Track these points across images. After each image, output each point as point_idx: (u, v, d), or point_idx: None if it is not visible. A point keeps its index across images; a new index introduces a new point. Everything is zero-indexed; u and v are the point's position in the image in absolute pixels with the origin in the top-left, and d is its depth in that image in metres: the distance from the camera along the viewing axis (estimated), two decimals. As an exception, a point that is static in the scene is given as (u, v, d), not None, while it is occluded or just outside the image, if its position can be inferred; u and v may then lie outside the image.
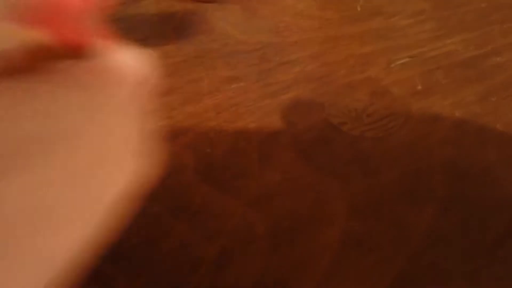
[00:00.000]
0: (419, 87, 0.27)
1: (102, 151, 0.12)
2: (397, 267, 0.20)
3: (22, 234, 0.10)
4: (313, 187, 0.22)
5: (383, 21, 0.31)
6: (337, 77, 0.28)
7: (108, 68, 0.11)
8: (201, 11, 0.32)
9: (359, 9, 0.32)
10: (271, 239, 0.21)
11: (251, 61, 0.29)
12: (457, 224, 0.21)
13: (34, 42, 0.10)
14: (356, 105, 0.26)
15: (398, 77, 0.28)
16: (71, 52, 0.11)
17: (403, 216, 0.21)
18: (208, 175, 0.23)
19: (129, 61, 0.12)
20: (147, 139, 0.13)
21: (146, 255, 0.20)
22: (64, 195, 0.11)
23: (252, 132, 0.25)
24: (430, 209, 0.21)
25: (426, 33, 0.30)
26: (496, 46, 0.29)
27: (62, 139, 0.11)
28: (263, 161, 0.24)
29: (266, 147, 0.24)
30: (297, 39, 0.30)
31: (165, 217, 0.22)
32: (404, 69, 0.28)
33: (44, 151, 0.10)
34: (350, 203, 0.22)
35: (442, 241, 0.20)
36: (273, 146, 0.24)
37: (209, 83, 0.28)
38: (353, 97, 0.27)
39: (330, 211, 0.21)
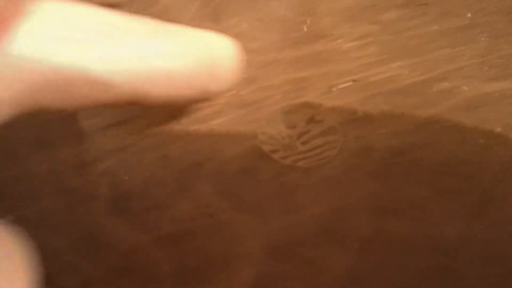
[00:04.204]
0: (359, 114, 0.25)
1: None
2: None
3: None
4: (228, 224, 0.20)
5: (326, 43, 0.29)
6: (272, 102, 0.26)
7: None
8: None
9: (305, 29, 0.30)
10: (177, 279, 0.19)
11: (185, 83, 0.27)
12: (377, 265, 0.19)
13: None
14: (291, 132, 0.25)
15: (338, 102, 0.26)
16: None
17: (321, 257, 0.19)
18: (120, 206, 0.22)
19: None
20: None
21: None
22: None
23: (175, 160, 0.24)
24: (350, 250, 0.19)
25: (370, 56, 0.29)
26: (444, 70, 0.28)
27: None
28: (180, 193, 0.22)
29: (186, 178, 0.23)
30: (236, 61, 0.29)
31: (66, 251, 0.20)
32: (345, 94, 0.26)
33: None
34: (267, 243, 0.20)
35: (359, 286, 0.18)
36: (194, 177, 0.23)
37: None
38: (288, 123, 0.25)
39: (244, 250, 0.20)
